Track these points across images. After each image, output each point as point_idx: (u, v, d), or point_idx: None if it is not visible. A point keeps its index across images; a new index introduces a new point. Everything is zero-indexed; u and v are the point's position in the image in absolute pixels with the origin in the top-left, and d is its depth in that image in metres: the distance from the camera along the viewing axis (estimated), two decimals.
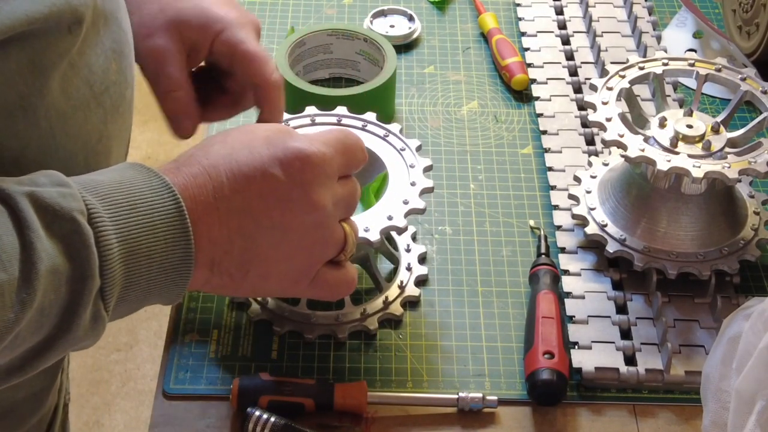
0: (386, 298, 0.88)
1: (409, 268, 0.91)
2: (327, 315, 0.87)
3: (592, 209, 0.93)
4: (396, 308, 0.88)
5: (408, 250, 0.93)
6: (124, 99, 0.75)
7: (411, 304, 0.90)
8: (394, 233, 0.89)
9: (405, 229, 0.83)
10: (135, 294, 0.66)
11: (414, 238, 0.94)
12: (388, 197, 0.84)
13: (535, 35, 1.17)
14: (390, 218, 0.82)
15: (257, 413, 0.78)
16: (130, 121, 0.78)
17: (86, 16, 0.68)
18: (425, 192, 0.85)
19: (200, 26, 0.82)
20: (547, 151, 1.03)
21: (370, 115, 0.91)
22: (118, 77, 0.73)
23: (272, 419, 0.78)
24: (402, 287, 0.90)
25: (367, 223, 0.82)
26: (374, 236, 0.81)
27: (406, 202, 0.83)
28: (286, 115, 0.90)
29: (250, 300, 0.88)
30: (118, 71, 0.73)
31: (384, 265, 0.92)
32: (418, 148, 0.88)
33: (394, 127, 0.90)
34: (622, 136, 0.88)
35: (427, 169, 0.86)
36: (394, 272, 0.91)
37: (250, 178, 0.70)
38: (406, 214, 0.83)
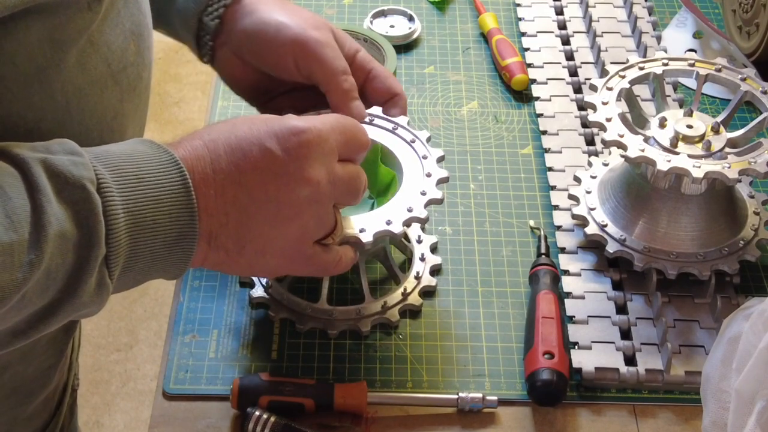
0: (405, 289, 0.89)
1: (422, 259, 0.92)
2: (348, 310, 0.87)
3: (592, 209, 0.93)
4: (415, 298, 0.89)
5: (419, 241, 0.93)
6: (141, 80, 0.76)
7: (428, 293, 0.90)
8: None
9: (427, 220, 0.83)
10: (140, 265, 0.68)
11: (423, 228, 0.95)
12: (405, 189, 0.84)
13: (535, 35, 1.17)
14: (410, 210, 0.82)
15: (257, 413, 0.78)
16: (146, 102, 0.80)
17: None
18: (441, 182, 0.84)
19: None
20: (547, 151, 1.03)
21: (376, 109, 0.90)
22: (137, 58, 0.75)
23: (272, 419, 0.78)
24: (418, 278, 0.90)
25: (389, 216, 0.82)
26: (397, 228, 0.81)
27: (423, 193, 0.83)
28: None
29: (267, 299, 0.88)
30: (136, 52, 0.75)
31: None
32: (428, 139, 0.88)
33: (402, 119, 0.89)
34: (622, 136, 0.88)
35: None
36: (408, 264, 0.92)
37: (246, 152, 0.72)
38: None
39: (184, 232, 0.69)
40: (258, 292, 0.89)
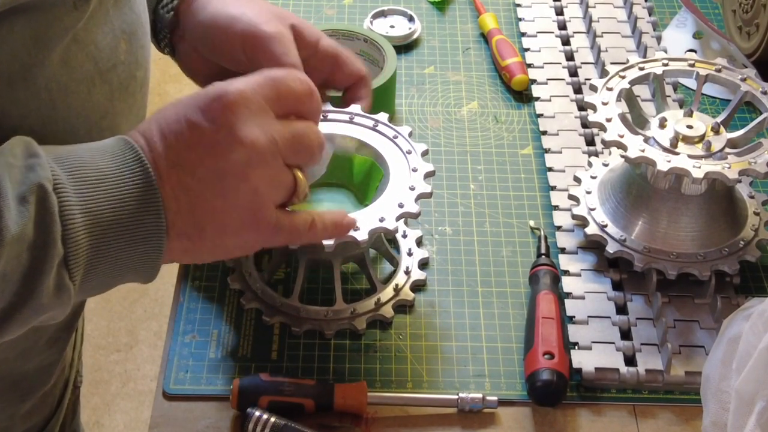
0: (378, 299, 0.88)
1: (407, 272, 0.91)
2: (317, 310, 0.87)
3: (592, 210, 0.93)
4: (387, 310, 0.88)
5: (410, 254, 0.92)
6: (134, 79, 0.76)
7: (404, 308, 0.90)
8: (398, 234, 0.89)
9: (395, 232, 0.83)
10: (105, 266, 0.67)
11: (419, 243, 0.94)
12: (385, 198, 0.84)
13: (535, 36, 1.17)
14: (382, 220, 0.82)
15: (257, 413, 0.78)
16: (142, 102, 0.79)
17: None
18: (422, 197, 0.84)
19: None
20: (547, 151, 1.03)
21: (383, 116, 0.90)
22: (128, 57, 0.74)
23: (272, 419, 0.78)
24: (397, 290, 0.90)
25: (358, 223, 0.81)
26: (362, 236, 0.81)
27: (401, 206, 0.83)
28: None
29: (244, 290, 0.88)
30: (128, 51, 0.74)
31: (385, 266, 0.93)
32: (425, 153, 0.88)
33: (404, 129, 0.89)
34: (622, 136, 0.88)
35: (428, 175, 0.86)
36: (393, 274, 0.91)
37: (176, 132, 0.70)
38: (398, 218, 0.82)
39: (150, 230, 0.68)
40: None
